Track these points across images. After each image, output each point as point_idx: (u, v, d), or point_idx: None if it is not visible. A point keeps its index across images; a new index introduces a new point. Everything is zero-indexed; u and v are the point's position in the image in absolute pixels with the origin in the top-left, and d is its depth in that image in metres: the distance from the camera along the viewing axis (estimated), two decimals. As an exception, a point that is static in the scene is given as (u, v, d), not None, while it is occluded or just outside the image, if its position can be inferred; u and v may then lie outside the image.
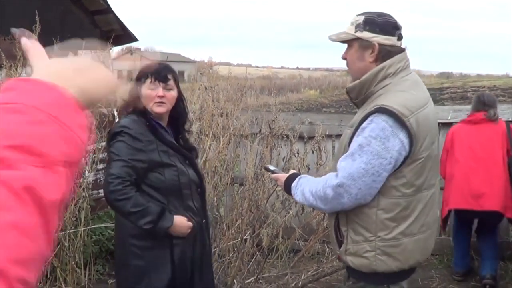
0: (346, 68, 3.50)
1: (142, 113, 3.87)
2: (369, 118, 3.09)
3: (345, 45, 3.40)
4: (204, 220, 4.11)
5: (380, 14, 3.28)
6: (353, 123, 3.27)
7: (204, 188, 4.25)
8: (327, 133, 7.33)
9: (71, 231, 5.80)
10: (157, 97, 3.85)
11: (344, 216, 3.25)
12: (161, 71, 3.92)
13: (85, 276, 6.14)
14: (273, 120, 6.45)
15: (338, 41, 3.37)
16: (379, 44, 3.23)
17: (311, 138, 7.22)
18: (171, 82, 3.91)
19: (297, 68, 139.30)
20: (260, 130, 6.73)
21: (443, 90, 38.18)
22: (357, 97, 3.34)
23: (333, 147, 7.57)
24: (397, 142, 3.03)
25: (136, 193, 3.70)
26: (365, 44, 3.26)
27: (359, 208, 3.15)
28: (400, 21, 3.34)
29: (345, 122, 7.66)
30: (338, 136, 7.50)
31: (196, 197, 4.06)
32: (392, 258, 3.18)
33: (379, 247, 3.16)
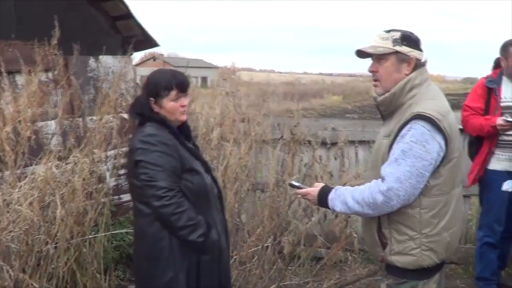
0: (371, 74, 3.65)
1: (160, 121, 3.83)
2: (408, 126, 3.35)
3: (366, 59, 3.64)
4: (224, 225, 4.09)
5: (411, 32, 3.56)
6: (388, 133, 3.49)
7: (222, 194, 4.21)
8: (350, 139, 7.25)
9: (90, 236, 5.75)
10: (181, 107, 3.86)
11: (385, 219, 3.47)
12: (184, 82, 3.91)
13: (105, 282, 6.08)
14: (295, 126, 6.35)
15: (375, 54, 3.55)
16: (416, 58, 3.50)
17: (333, 144, 7.15)
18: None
19: (320, 73, 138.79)
20: (282, 136, 6.63)
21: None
22: (386, 109, 3.59)
23: (356, 154, 7.50)
24: (436, 144, 3.32)
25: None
26: (403, 58, 3.50)
27: (401, 209, 3.38)
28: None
29: (368, 128, 7.59)
30: (361, 142, 7.46)
31: (217, 203, 4.03)
32: (435, 252, 3.45)
33: (423, 243, 3.42)
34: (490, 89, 5.97)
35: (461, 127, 6.61)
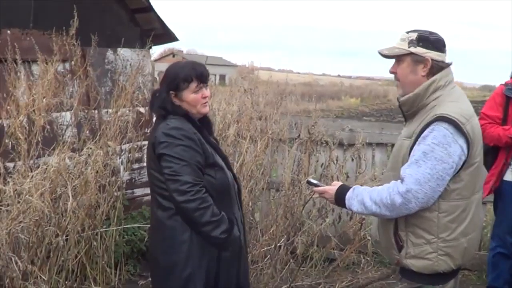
0: (389, 78, 3.70)
1: (184, 114, 3.75)
2: (430, 127, 3.30)
3: (391, 60, 3.60)
4: (242, 221, 4.02)
5: (431, 32, 3.50)
6: (410, 134, 3.44)
7: (241, 190, 4.16)
8: (367, 141, 7.15)
9: (102, 230, 5.70)
10: (202, 99, 3.78)
11: (403, 221, 3.43)
12: (204, 73, 3.82)
13: (115, 276, 6.03)
14: (313, 126, 6.26)
15: (390, 56, 3.55)
16: (432, 60, 3.43)
17: (351, 145, 7.05)
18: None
19: (339, 75, 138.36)
20: (299, 135, 6.55)
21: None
22: (409, 109, 3.53)
23: (373, 156, 7.40)
24: (458, 148, 3.26)
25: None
26: (418, 59, 3.45)
27: (418, 212, 3.32)
28: (445, 30, 3.37)
29: (386, 131, 7.49)
30: (379, 144, 7.37)
31: (237, 199, 3.96)
32: (451, 257, 3.39)
33: (440, 248, 3.37)
34: (509, 98, 5.81)
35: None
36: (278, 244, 5.81)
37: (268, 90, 7.32)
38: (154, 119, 4.11)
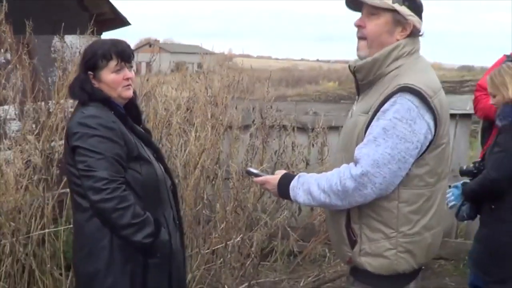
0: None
1: (104, 100, 3.28)
2: (392, 99, 2.82)
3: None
4: (178, 222, 3.57)
5: None
6: (367, 109, 2.94)
7: (175, 185, 3.67)
8: (333, 124, 6.71)
9: (51, 230, 5.25)
10: (124, 80, 3.30)
11: (356, 212, 2.95)
12: (127, 50, 3.34)
13: (66, 279, 5.58)
14: (266, 110, 5.78)
15: (368, 5, 2.98)
16: (413, 25, 2.97)
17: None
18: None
19: (317, 60, 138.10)
20: (253, 121, 6.07)
21: (464, 83, 37.80)
22: (364, 78, 3.02)
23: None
24: (424, 125, 2.81)
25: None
26: (400, 20, 2.95)
27: (375, 201, 2.87)
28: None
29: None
30: (345, 127, 6.94)
31: (171, 196, 3.51)
32: (412, 255, 2.95)
33: (400, 243, 2.92)
34: None
35: (454, 111, 6.08)
36: (228, 242, 5.35)
37: (223, 72, 6.81)
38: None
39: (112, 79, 3.27)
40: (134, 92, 3.48)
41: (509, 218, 4.34)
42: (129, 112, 3.43)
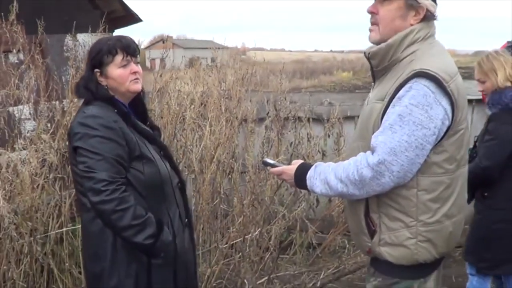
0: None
1: (106, 98, 3.23)
2: (407, 85, 2.75)
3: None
4: (187, 220, 3.50)
5: None
6: (382, 96, 2.87)
7: (184, 183, 3.61)
8: (348, 114, 6.65)
9: (68, 228, 5.25)
10: (131, 74, 3.25)
11: (375, 201, 2.89)
12: (132, 45, 3.29)
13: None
14: (281, 102, 5.73)
15: None
16: (426, 9, 2.90)
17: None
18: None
19: (331, 51, 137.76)
20: (268, 113, 6.03)
21: (479, 69, 37.45)
22: (379, 64, 2.96)
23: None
24: (441, 110, 2.74)
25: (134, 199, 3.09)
26: (413, 4, 2.90)
27: (394, 190, 2.80)
28: None
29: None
30: (361, 117, 6.88)
31: (178, 194, 3.44)
32: (433, 244, 2.88)
33: (420, 232, 2.85)
34: None
35: (470, 97, 6.01)
36: (246, 236, 5.31)
37: (236, 65, 6.78)
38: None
39: (119, 74, 3.23)
40: (142, 89, 3.44)
41: (501, 206, 4.33)
42: (135, 109, 3.41)
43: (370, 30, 3.01)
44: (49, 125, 5.62)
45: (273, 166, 3.25)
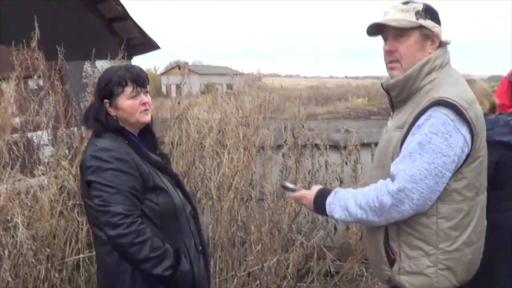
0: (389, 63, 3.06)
1: (117, 130, 3.22)
2: (426, 113, 2.79)
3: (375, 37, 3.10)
4: (201, 247, 3.46)
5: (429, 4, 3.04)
6: (401, 124, 2.93)
7: (196, 210, 3.59)
8: (365, 141, 6.65)
9: (85, 255, 5.26)
10: (141, 106, 3.24)
11: (394, 229, 2.91)
12: (141, 75, 3.27)
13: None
14: (299, 129, 5.74)
15: (395, 28, 2.98)
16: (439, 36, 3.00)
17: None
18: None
19: (346, 77, 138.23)
20: (285, 140, 6.04)
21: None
22: (398, 95, 3.02)
23: (373, 157, 6.89)
24: (460, 138, 2.77)
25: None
26: (428, 34, 2.97)
27: (413, 218, 2.83)
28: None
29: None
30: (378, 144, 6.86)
31: (192, 222, 3.41)
32: (453, 272, 2.89)
33: (440, 261, 2.87)
34: None
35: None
36: (264, 264, 5.29)
37: (253, 92, 6.80)
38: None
39: (129, 105, 3.21)
40: (151, 118, 3.40)
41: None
42: (145, 139, 3.40)
43: (391, 68, 3.05)
44: (67, 151, 5.65)
45: (292, 190, 3.28)
